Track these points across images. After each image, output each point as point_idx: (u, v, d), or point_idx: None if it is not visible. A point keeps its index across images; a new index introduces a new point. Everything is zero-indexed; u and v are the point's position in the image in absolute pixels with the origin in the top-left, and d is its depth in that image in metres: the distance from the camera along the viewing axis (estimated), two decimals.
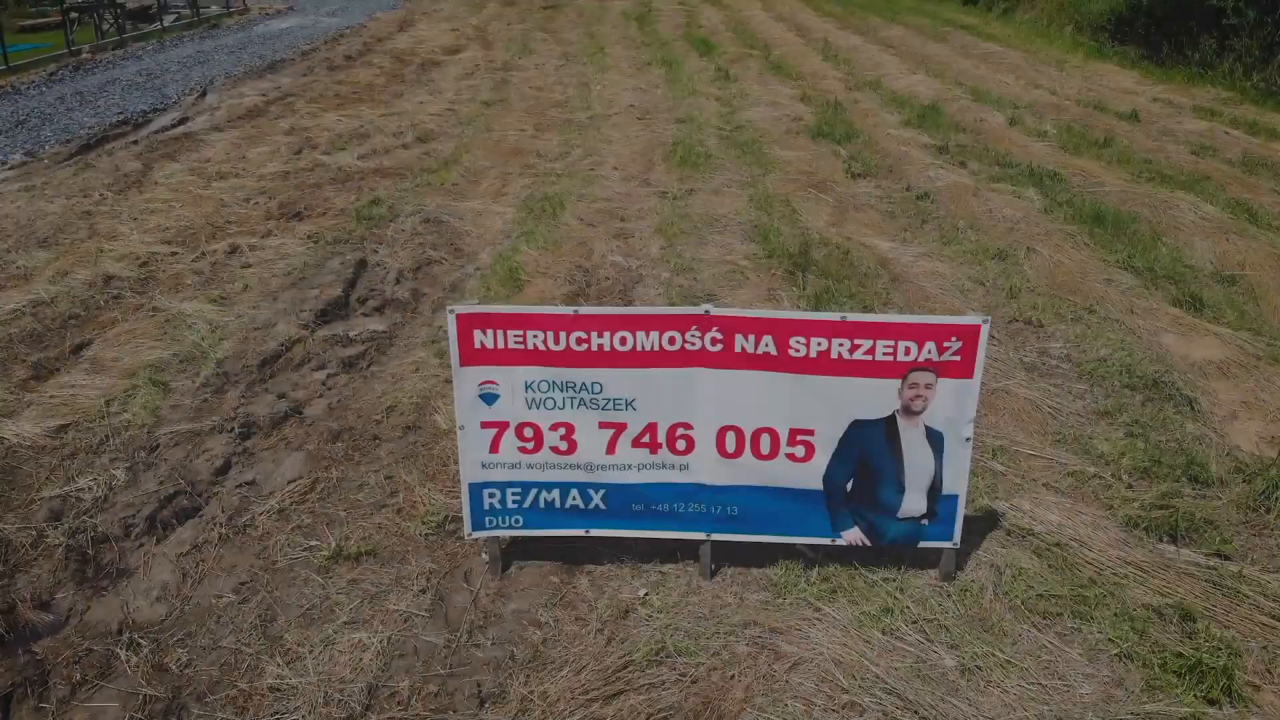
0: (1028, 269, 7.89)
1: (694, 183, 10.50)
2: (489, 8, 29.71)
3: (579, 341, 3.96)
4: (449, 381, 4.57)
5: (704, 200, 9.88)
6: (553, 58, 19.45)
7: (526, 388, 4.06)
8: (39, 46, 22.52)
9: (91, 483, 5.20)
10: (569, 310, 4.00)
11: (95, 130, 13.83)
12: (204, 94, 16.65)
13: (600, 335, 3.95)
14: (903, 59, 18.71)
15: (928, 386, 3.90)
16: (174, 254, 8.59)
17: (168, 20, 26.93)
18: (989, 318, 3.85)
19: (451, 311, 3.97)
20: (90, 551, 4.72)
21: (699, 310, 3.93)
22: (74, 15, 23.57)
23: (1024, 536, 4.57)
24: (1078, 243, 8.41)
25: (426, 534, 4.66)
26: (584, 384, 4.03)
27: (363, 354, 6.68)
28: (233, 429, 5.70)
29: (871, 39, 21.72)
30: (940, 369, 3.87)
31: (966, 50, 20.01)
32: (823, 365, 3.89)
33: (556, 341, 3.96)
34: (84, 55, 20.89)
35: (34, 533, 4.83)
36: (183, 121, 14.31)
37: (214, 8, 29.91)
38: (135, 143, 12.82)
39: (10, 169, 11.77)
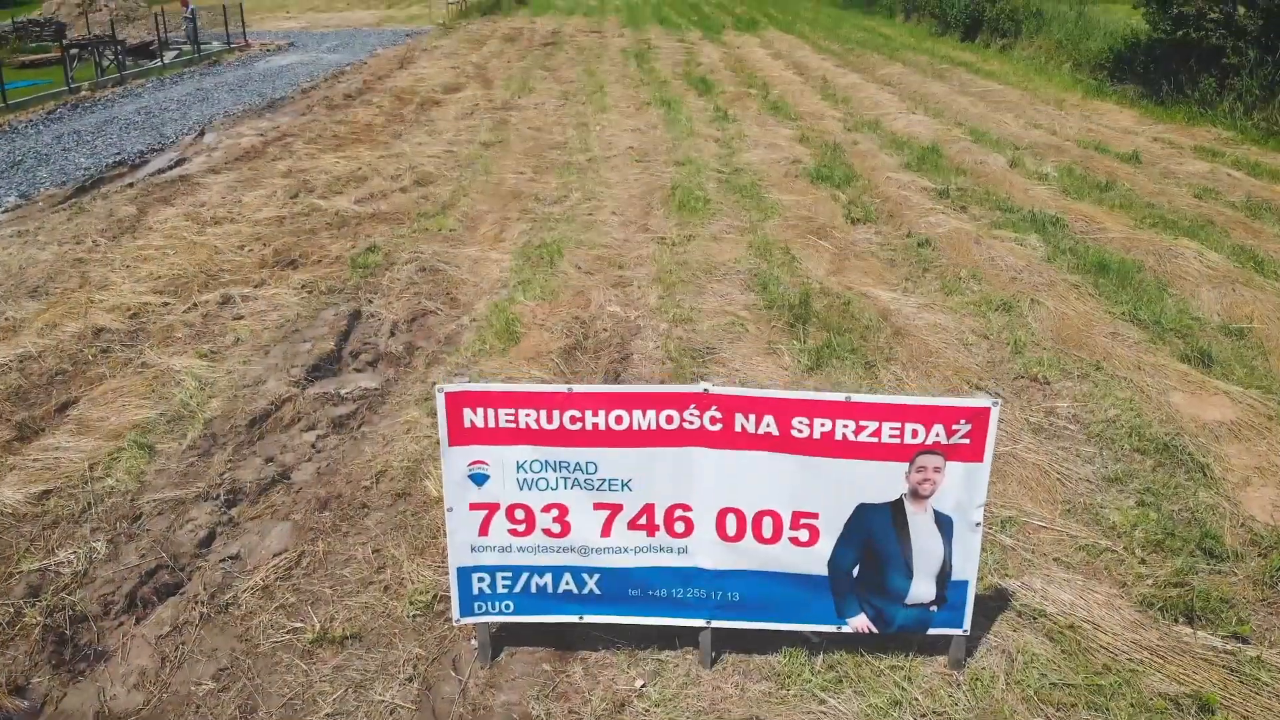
0: (1032, 321, 7.75)
1: (693, 228, 10.39)
2: (489, 44, 29.81)
3: (573, 420, 3.80)
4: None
5: (703, 247, 9.75)
6: (552, 97, 19.43)
7: (518, 468, 3.90)
8: (38, 83, 22.53)
9: (72, 555, 5.03)
10: (562, 388, 3.84)
11: (91, 172, 13.75)
12: (202, 134, 16.60)
13: (595, 414, 3.79)
14: (901, 98, 18.68)
15: (936, 470, 3.74)
16: (165, 304, 8.45)
17: (169, 57, 27.00)
18: (999, 400, 3.70)
19: (440, 390, 3.82)
20: (68, 632, 4.55)
21: (697, 388, 3.78)
22: (74, 51, 23.61)
23: (1035, 618, 4.39)
24: (1082, 293, 8.27)
25: (414, 615, 4.48)
26: (578, 464, 3.87)
27: (354, 413, 6.52)
28: (218, 496, 5.53)
29: (870, 77, 21.72)
30: (949, 452, 3.72)
31: (965, 88, 19.99)
32: (827, 447, 3.73)
33: (549, 420, 3.81)
34: (83, 93, 20.88)
35: (11, 610, 4.66)
36: (180, 163, 14.23)
37: (215, 44, 30.01)
38: (131, 185, 12.72)
39: (4, 213, 11.67)
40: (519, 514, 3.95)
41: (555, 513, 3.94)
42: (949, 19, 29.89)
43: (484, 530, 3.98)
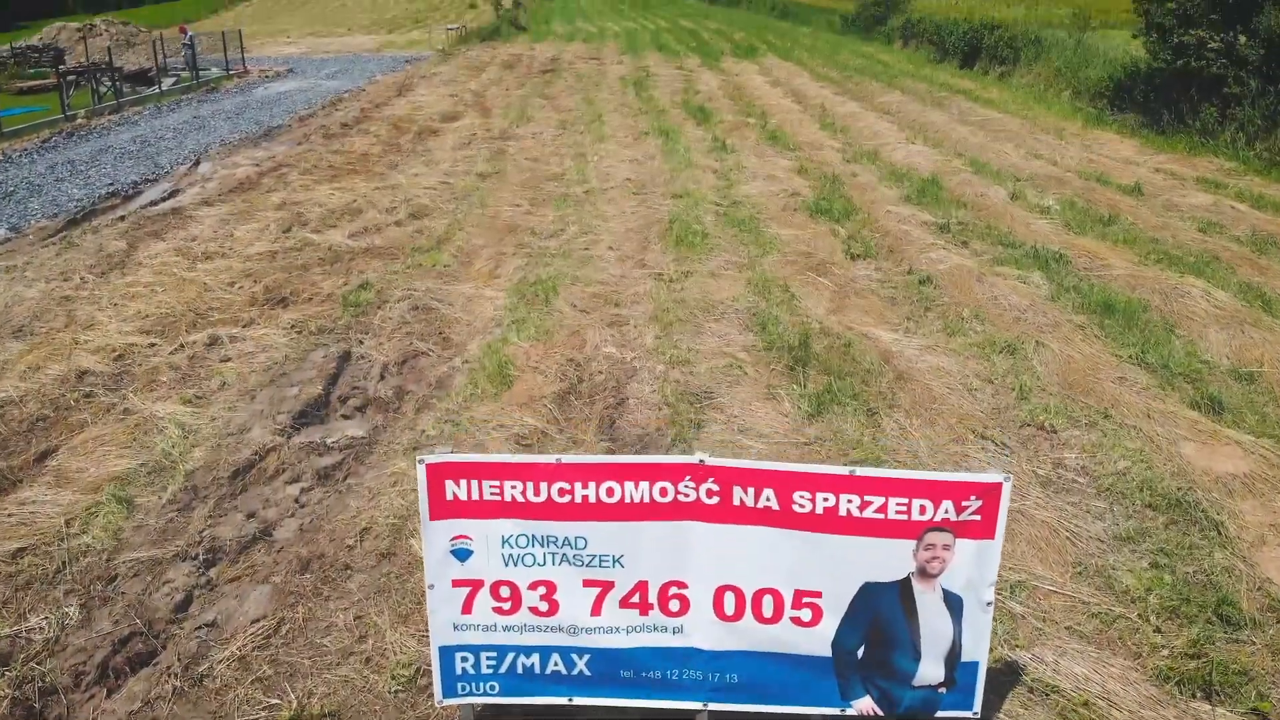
0: (1037, 365, 7.56)
1: (690, 264, 10.22)
2: (488, 71, 29.78)
3: (561, 493, 3.61)
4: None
5: (700, 284, 9.58)
6: (550, 126, 19.33)
7: (503, 543, 3.69)
8: (34, 110, 22.46)
9: (43, 621, 4.83)
10: (550, 459, 3.65)
11: (83, 204, 13.61)
12: (197, 163, 16.47)
13: (584, 486, 3.60)
14: (901, 127, 18.57)
15: (945, 547, 3.54)
16: (152, 345, 8.27)
17: (167, 83, 26.95)
18: (1010, 476, 3.51)
19: (421, 461, 3.62)
20: (37, 705, 4.34)
21: (693, 459, 3.58)
22: (70, 79, 23.54)
23: (1048, 694, 4.18)
24: (1088, 335, 8.09)
25: (396, 690, 4.26)
26: (567, 539, 3.67)
27: (339, 464, 6.32)
28: (197, 556, 5.33)
29: (869, 105, 21.65)
30: (958, 529, 3.52)
31: (965, 117, 19.90)
32: (831, 523, 3.54)
33: (536, 493, 3.61)
34: (79, 121, 20.78)
35: None
36: (173, 194, 14.09)
37: (214, 70, 29.98)
38: (122, 218, 12.57)
39: None
40: (504, 591, 3.75)
41: (543, 590, 3.74)
42: (947, 46, 29.90)
43: (467, 608, 3.77)
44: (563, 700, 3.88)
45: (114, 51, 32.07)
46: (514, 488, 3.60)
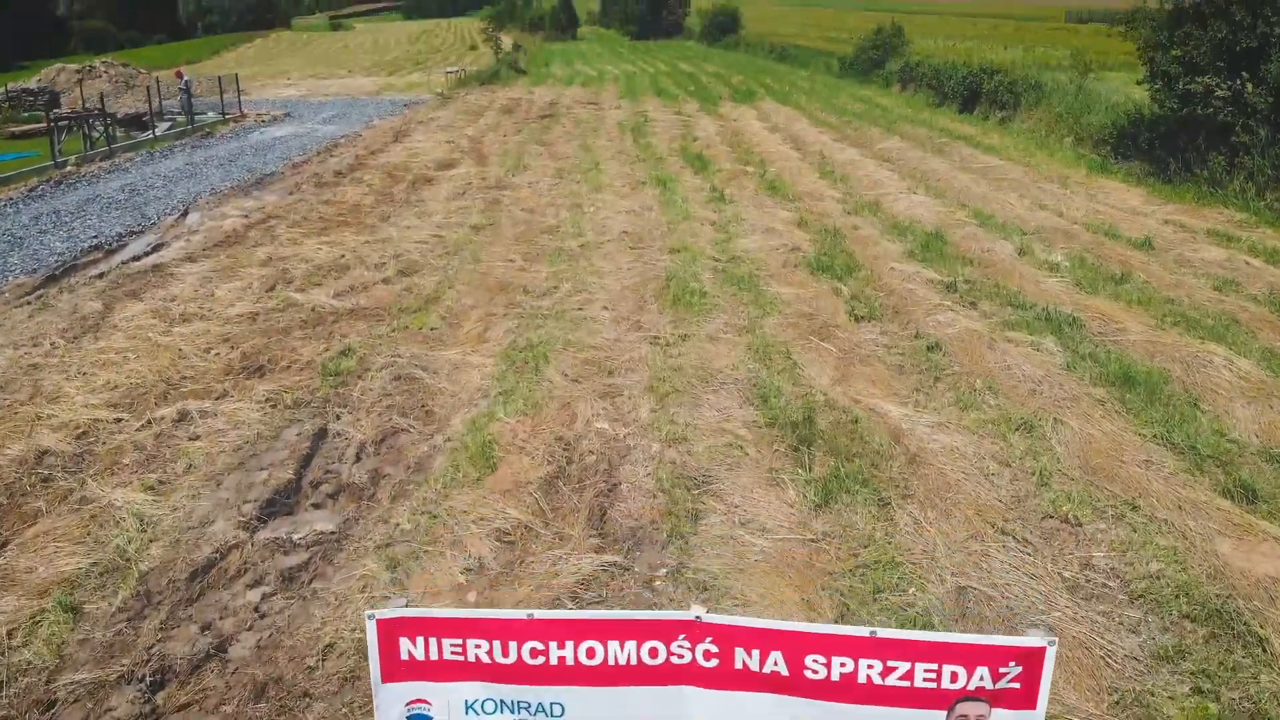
0: (1056, 445, 7.07)
1: (688, 326, 9.77)
2: (486, 117, 29.54)
3: (534, 654, 3.12)
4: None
5: (698, 349, 9.12)
6: (547, 175, 18.97)
7: (467, 709, 3.20)
8: (27, 155, 22.13)
9: None
10: (521, 615, 3.16)
11: (65, 258, 13.18)
12: (185, 214, 16.08)
13: (561, 646, 3.10)
14: (902, 175, 18.21)
15: (979, 718, 3.04)
16: (118, 420, 7.79)
17: (162, 128, 26.67)
18: (1055, 639, 3.01)
19: (370, 617, 3.13)
20: None
21: (688, 615, 3.10)
22: (63, 123, 23.24)
23: None
24: (1108, 410, 7.60)
25: None
26: (541, 705, 3.18)
27: (306, 563, 5.82)
28: (144, 678, 4.81)
29: (869, 152, 21.32)
30: (995, 698, 3.02)
31: (966, 164, 19.55)
32: (848, 690, 3.04)
33: (505, 653, 3.12)
34: (69, 168, 20.43)
35: None
36: (157, 248, 13.68)
37: (210, 114, 29.75)
38: (101, 275, 12.13)
39: None
40: None
41: None
42: (946, 90, 29.65)
43: None
44: None
45: (113, 94, 31.90)
46: (479, 647, 3.11)
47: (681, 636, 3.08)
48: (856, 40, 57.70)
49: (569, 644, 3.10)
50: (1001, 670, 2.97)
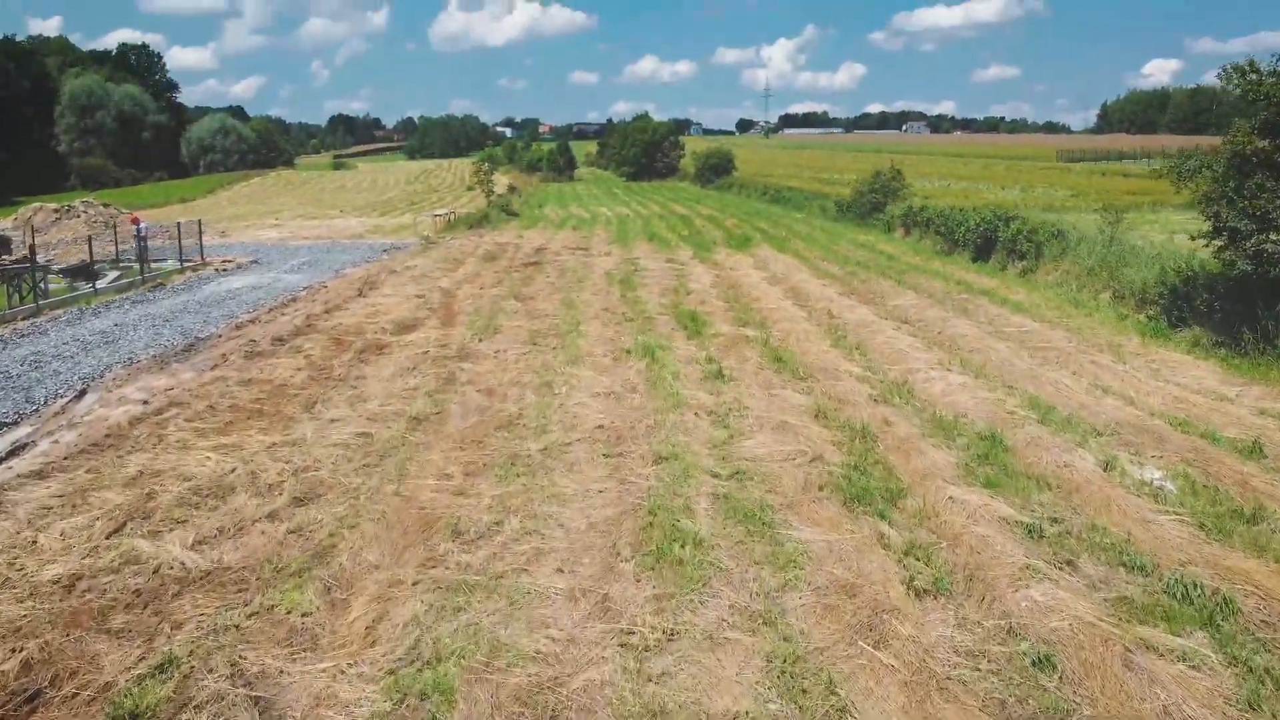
0: None
1: (677, 608, 6.68)
2: (467, 265, 27.06)
3: None
4: None
5: (692, 663, 6.00)
6: (519, 340, 16.12)
7: None
8: None
9: None
10: None
11: None
12: (82, 395, 13.13)
13: None
14: (927, 343, 15.38)
15: None
16: None
17: (109, 279, 24.05)
18: None
19: None
20: None
21: None
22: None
23: None
24: None
25: None
26: None
27: None
28: None
29: (882, 310, 18.58)
30: None
31: (997, 327, 16.75)
32: None
33: None
34: None
35: None
36: (14, 452, 10.64)
37: (169, 261, 27.21)
38: None
39: None
40: None
41: None
42: (957, 237, 27.24)
43: None
44: None
45: (81, 239, 29.44)
46: None
47: None
48: (852, 182, 56.39)
49: None
50: None
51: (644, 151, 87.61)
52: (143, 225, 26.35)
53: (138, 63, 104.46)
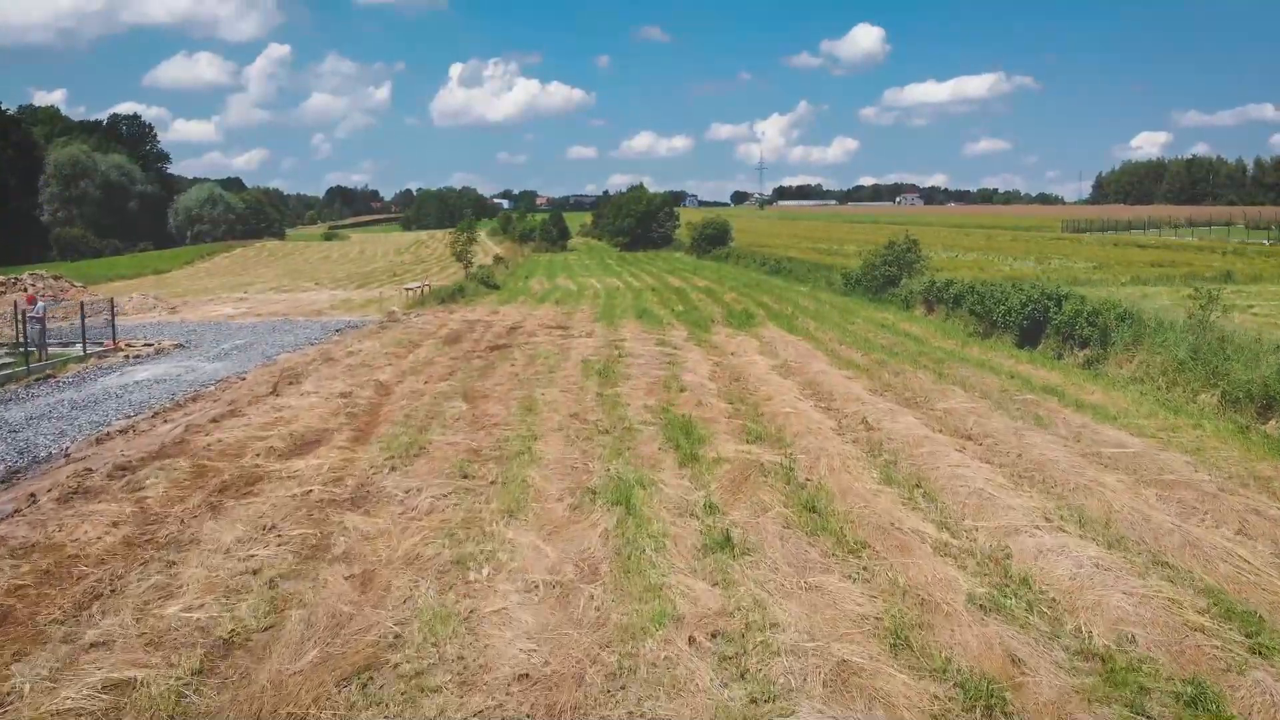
0: None
1: None
2: (423, 348, 22.59)
3: None
4: None
5: None
6: (445, 470, 11.53)
7: None
8: None
9: None
10: None
11: None
12: None
13: None
14: (1010, 475, 10.84)
15: None
16: None
17: None
18: None
19: None
20: None
21: None
22: None
23: None
24: None
25: None
26: None
27: None
28: None
29: (930, 416, 14.06)
30: None
31: (1090, 446, 12.19)
32: None
33: None
34: None
35: None
36: None
37: (76, 346, 22.68)
38: None
39: None
40: None
41: None
42: (995, 318, 22.82)
43: None
44: None
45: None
46: None
47: None
48: (853, 253, 52.30)
49: None
50: None
51: (639, 221, 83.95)
52: (39, 305, 21.91)
53: (129, 132, 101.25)
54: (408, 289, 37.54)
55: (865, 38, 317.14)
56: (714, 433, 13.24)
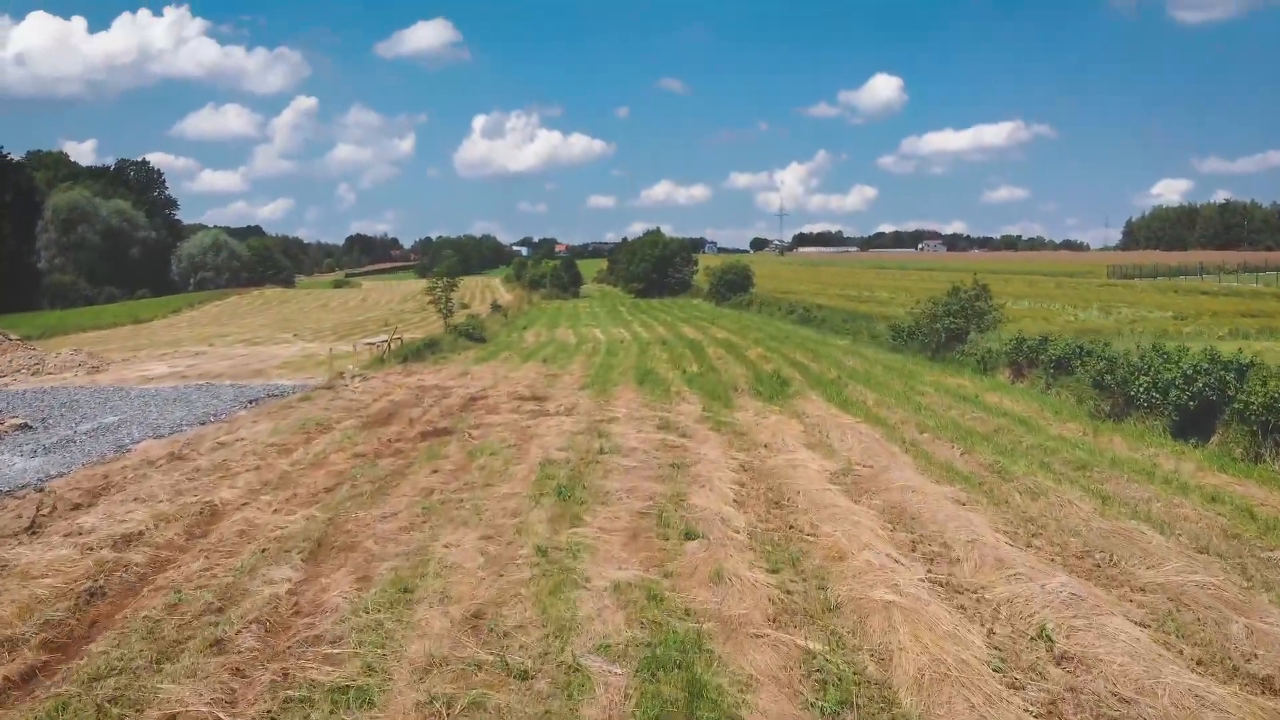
0: None
1: None
2: (328, 436, 15.71)
3: None
4: None
5: None
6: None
7: None
8: None
9: None
10: None
11: None
12: None
13: None
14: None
15: None
16: None
17: None
18: None
19: None
20: None
21: None
22: None
23: None
24: None
25: None
26: None
27: None
28: None
29: (1146, 607, 6.95)
30: None
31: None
32: None
33: None
34: None
35: None
36: None
37: None
38: None
39: None
40: None
41: None
42: (1131, 393, 15.62)
43: None
44: None
45: None
46: None
47: None
48: (887, 300, 45.19)
49: None
50: None
51: (654, 267, 77.30)
52: None
53: (136, 178, 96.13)
54: (369, 344, 30.74)
55: (883, 88, 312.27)
56: (749, 677, 6.17)
